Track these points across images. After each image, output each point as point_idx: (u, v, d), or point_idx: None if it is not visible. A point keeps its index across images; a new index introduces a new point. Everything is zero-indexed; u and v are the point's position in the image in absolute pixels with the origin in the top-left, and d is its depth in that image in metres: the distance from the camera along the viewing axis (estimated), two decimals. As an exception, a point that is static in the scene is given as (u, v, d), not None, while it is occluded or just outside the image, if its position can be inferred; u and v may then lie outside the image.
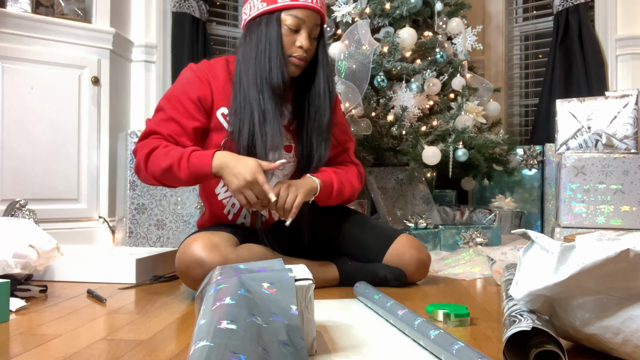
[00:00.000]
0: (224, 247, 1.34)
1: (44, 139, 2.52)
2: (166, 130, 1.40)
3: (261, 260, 0.95)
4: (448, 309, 1.11)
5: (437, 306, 1.13)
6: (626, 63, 2.89)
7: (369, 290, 1.24)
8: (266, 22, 1.40)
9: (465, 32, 2.60)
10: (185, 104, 1.41)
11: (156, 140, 1.39)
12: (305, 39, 1.40)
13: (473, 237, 2.21)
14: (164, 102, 1.43)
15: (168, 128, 1.40)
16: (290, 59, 1.41)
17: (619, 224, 2.00)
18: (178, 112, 1.41)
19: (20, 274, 1.35)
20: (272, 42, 1.39)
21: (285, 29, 1.40)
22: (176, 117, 1.41)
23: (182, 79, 1.45)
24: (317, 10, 1.42)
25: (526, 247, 0.94)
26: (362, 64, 2.31)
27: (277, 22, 1.39)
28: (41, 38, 2.53)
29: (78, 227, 2.61)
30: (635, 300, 0.77)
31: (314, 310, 0.85)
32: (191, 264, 1.31)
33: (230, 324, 0.64)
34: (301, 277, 0.86)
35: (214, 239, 1.34)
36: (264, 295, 0.77)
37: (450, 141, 2.31)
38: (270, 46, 1.39)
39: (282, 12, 1.39)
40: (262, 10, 1.40)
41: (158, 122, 1.42)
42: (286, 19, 1.39)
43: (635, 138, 2.08)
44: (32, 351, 0.91)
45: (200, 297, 0.88)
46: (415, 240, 1.57)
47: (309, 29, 1.41)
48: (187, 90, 1.42)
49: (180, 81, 1.45)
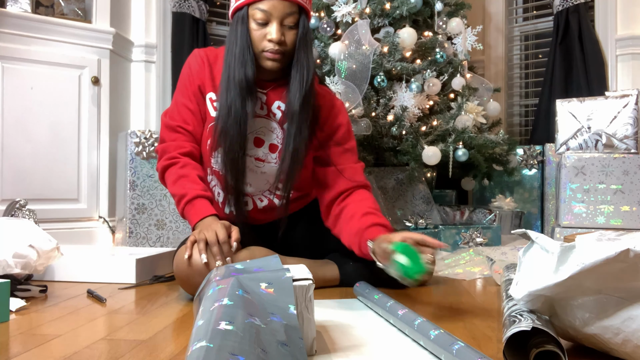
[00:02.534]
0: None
1: (44, 139, 2.52)
2: (176, 122, 1.48)
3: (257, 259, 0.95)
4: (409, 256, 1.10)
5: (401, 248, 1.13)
6: (626, 63, 2.89)
7: (369, 290, 1.24)
8: (237, 19, 1.39)
9: (465, 32, 2.59)
10: (192, 89, 1.50)
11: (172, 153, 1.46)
12: (276, 31, 1.34)
13: (473, 237, 2.21)
14: (176, 93, 1.52)
15: (181, 119, 1.48)
16: (263, 54, 1.38)
17: (619, 224, 2.00)
18: (189, 100, 1.49)
19: (20, 274, 1.35)
20: (239, 39, 1.38)
21: (254, 23, 1.37)
22: (188, 105, 1.49)
23: (186, 66, 1.53)
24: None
25: (526, 247, 0.94)
26: (362, 64, 2.31)
27: (245, 18, 1.37)
28: (41, 38, 2.53)
29: (78, 227, 2.61)
30: (635, 300, 0.77)
31: (314, 310, 0.85)
32: (191, 273, 1.29)
33: (228, 324, 0.64)
34: (300, 277, 0.86)
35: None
36: (262, 295, 0.77)
37: (450, 141, 2.31)
38: (237, 44, 1.38)
39: (248, 7, 1.37)
40: (234, 8, 1.41)
41: (171, 114, 1.50)
42: (254, 13, 1.36)
43: (635, 138, 2.08)
44: (32, 351, 0.91)
45: (198, 298, 0.88)
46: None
47: (279, 20, 1.35)
48: (190, 77, 1.50)
49: (185, 69, 1.53)
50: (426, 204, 2.53)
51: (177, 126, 1.48)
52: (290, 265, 0.95)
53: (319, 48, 2.50)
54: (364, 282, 1.33)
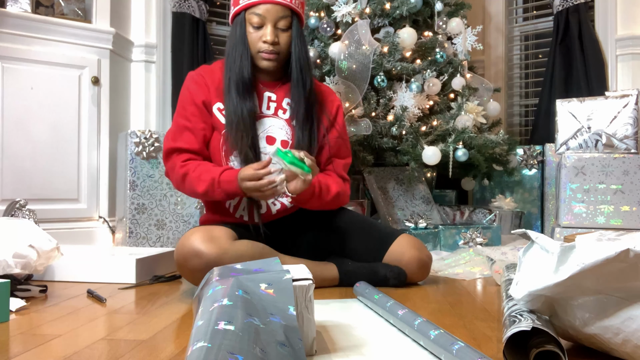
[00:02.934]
0: (223, 239, 1.37)
1: (44, 139, 2.52)
2: (181, 144, 1.49)
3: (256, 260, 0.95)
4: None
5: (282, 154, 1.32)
6: (626, 63, 2.89)
7: (369, 290, 1.24)
8: (236, 23, 1.52)
9: (465, 32, 2.59)
10: (190, 110, 1.52)
11: (181, 162, 1.48)
12: (270, 33, 1.47)
13: (473, 237, 2.21)
14: (175, 115, 1.55)
15: (183, 140, 1.49)
16: (259, 54, 1.49)
17: (619, 224, 2.00)
18: (187, 120, 1.51)
19: (20, 274, 1.35)
20: (237, 42, 1.50)
21: (251, 27, 1.49)
22: (188, 126, 1.51)
23: (184, 88, 1.56)
24: (279, 3, 1.48)
25: (526, 247, 0.94)
26: (362, 64, 2.31)
27: (243, 22, 1.50)
28: (41, 38, 2.53)
29: (78, 227, 2.61)
30: (635, 300, 0.77)
31: (314, 310, 0.85)
32: (189, 255, 1.34)
33: (227, 324, 0.64)
34: (300, 277, 0.86)
35: (212, 231, 1.38)
36: (261, 296, 0.77)
37: (450, 141, 2.31)
38: (236, 46, 1.50)
39: (245, 11, 1.49)
40: (233, 13, 1.53)
41: (173, 136, 1.51)
42: (250, 17, 1.49)
43: (635, 138, 2.08)
44: (32, 351, 0.91)
45: (198, 298, 0.88)
46: (415, 240, 1.57)
47: (273, 23, 1.48)
48: (189, 97, 1.53)
49: (183, 91, 1.56)
50: (426, 204, 2.53)
51: (179, 147, 1.50)
52: (290, 266, 0.95)
53: (319, 48, 2.50)
54: (364, 282, 1.33)
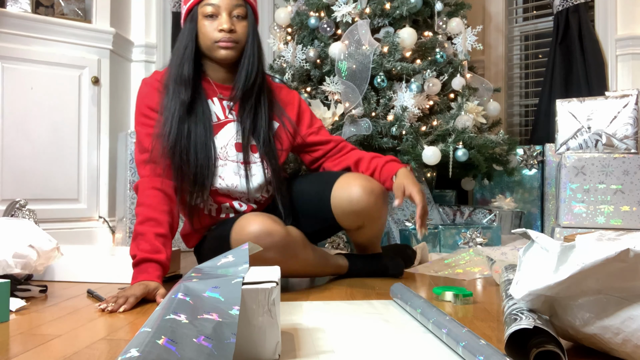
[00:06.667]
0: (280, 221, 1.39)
1: (44, 139, 2.52)
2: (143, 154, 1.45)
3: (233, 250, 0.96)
4: (454, 290, 1.28)
5: (443, 288, 1.31)
6: (626, 63, 2.89)
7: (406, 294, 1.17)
8: (187, 20, 1.49)
9: (465, 32, 2.59)
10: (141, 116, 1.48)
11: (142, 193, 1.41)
12: (226, 21, 1.44)
13: (473, 237, 2.21)
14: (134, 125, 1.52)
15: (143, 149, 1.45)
16: (216, 44, 1.45)
17: (619, 224, 2.00)
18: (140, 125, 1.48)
19: (20, 274, 1.35)
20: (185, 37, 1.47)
21: (205, 20, 1.46)
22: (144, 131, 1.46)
23: (137, 96, 1.53)
24: None
25: (526, 246, 0.94)
26: (362, 64, 2.31)
27: (195, 17, 1.47)
28: (41, 38, 2.53)
29: (78, 227, 2.61)
30: (635, 300, 0.77)
31: (278, 314, 0.83)
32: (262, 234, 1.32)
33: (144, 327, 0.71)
34: (263, 279, 0.84)
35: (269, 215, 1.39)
36: (204, 298, 0.81)
37: (450, 141, 2.31)
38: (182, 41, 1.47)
39: (197, 6, 1.47)
40: (185, 12, 1.50)
41: (137, 146, 1.48)
42: (203, 10, 1.46)
43: (635, 138, 2.08)
44: (32, 351, 0.91)
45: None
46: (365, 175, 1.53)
47: (228, 11, 1.45)
48: (140, 103, 1.50)
49: (136, 99, 1.53)
50: (426, 204, 2.52)
51: (145, 159, 1.45)
52: (259, 267, 0.94)
53: (319, 48, 2.50)
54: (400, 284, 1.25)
